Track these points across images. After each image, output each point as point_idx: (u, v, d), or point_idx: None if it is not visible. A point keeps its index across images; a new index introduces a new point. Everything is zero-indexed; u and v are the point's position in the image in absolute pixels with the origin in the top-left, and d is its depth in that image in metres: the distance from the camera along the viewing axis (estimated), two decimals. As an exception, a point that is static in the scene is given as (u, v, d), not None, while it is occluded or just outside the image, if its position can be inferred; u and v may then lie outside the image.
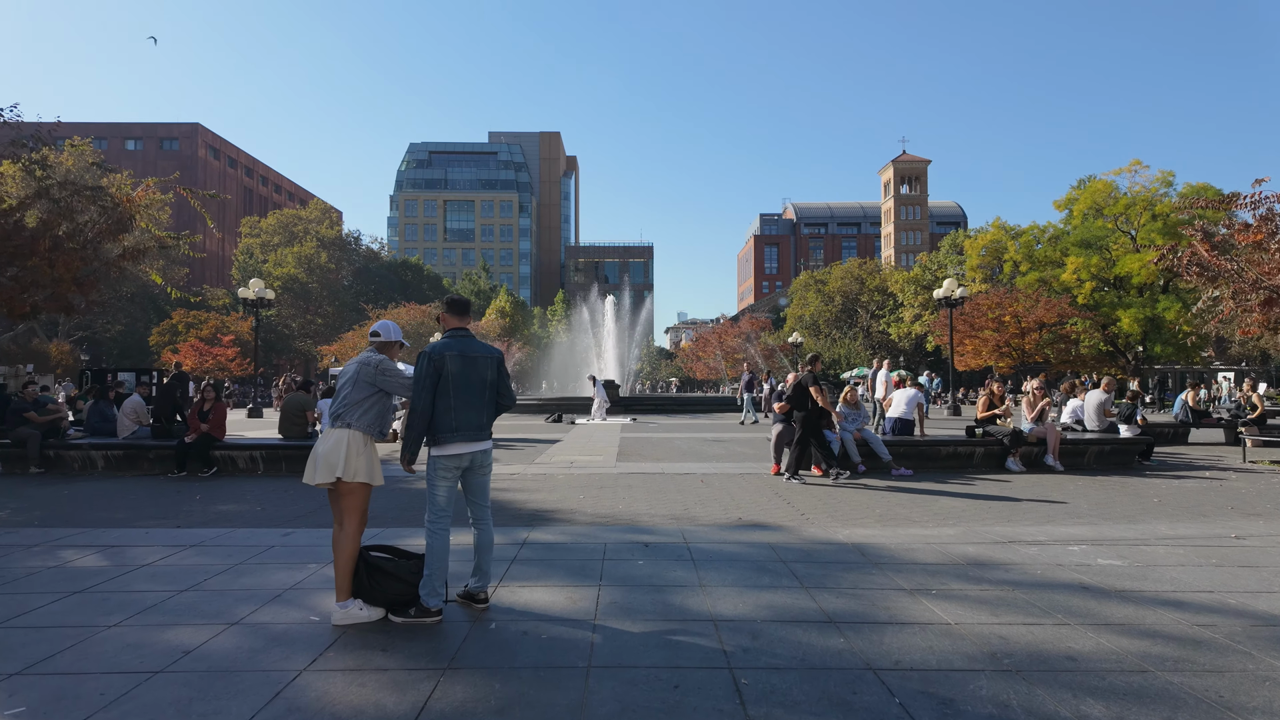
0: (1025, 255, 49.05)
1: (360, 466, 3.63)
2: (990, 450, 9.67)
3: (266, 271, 64.90)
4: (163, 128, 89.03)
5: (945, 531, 5.65)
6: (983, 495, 7.50)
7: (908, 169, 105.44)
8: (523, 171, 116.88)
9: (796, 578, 4.30)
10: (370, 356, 3.80)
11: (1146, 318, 42.24)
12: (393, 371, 3.74)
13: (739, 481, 8.22)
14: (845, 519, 6.15)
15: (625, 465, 9.66)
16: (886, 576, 4.35)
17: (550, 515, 6.23)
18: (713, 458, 10.67)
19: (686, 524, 5.87)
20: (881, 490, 7.75)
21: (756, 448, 12.05)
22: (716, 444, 12.91)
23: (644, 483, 8.09)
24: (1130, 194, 45.01)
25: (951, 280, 25.00)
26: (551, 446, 12.43)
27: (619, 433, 15.67)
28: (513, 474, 8.76)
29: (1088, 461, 10.03)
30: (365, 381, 3.73)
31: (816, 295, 71.99)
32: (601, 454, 11.16)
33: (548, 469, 9.34)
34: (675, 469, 9.30)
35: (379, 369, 3.73)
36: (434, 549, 3.60)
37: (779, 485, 8.00)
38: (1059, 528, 5.85)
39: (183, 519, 6.29)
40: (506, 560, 4.67)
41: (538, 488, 7.74)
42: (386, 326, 3.96)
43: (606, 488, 7.74)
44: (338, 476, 3.58)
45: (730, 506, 6.68)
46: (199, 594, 4.03)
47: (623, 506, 6.63)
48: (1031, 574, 4.46)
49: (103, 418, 10.74)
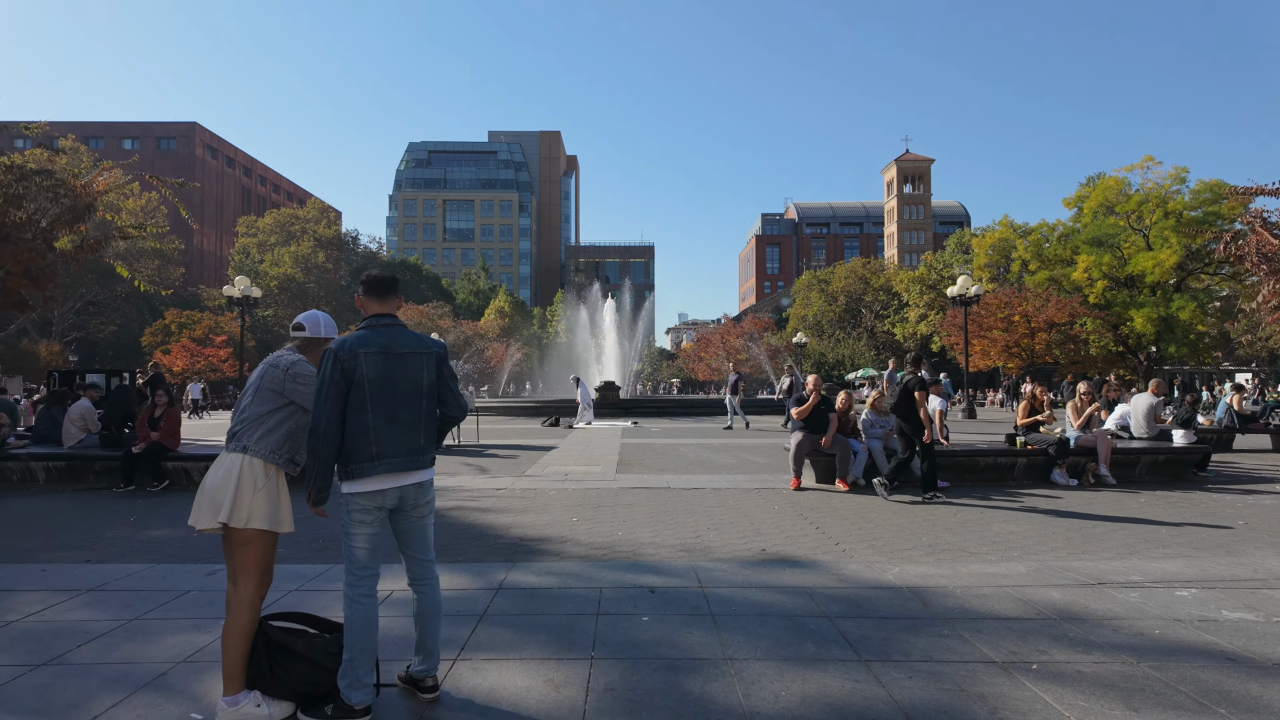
0: (1034, 254, 48.01)
1: (258, 508, 2.63)
2: (1033, 461, 8.66)
3: (263, 271, 64.03)
4: (160, 127, 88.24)
5: (1014, 569, 4.64)
6: (1038, 515, 6.49)
7: (911, 168, 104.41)
8: (523, 171, 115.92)
9: (850, 644, 3.29)
10: (281, 357, 2.81)
11: (1160, 317, 41.17)
12: (309, 379, 2.75)
13: (755, 499, 7.21)
14: (888, 550, 5.15)
15: (626, 478, 8.66)
16: (965, 640, 3.35)
17: (536, 546, 5.23)
18: (723, 468, 9.66)
19: (699, 558, 4.86)
20: (920, 510, 6.75)
21: (770, 456, 11.04)
22: (725, 451, 11.90)
23: (647, 500, 7.09)
24: (1143, 191, 43.96)
25: (966, 278, 23.98)
26: (545, 454, 11.43)
27: (619, 438, 14.66)
28: (499, 489, 7.75)
29: (1139, 473, 9.02)
30: (270, 390, 2.73)
31: (820, 295, 71.00)
32: (600, 463, 10.16)
33: (539, 482, 8.33)
34: (682, 482, 8.29)
35: (290, 373, 2.74)
36: (356, 623, 2.59)
37: (802, 504, 6.99)
38: (1149, 562, 4.84)
39: (100, 549, 5.29)
40: (473, 616, 3.67)
41: (525, 507, 6.73)
42: (314, 318, 2.96)
43: (604, 507, 6.73)
44: (222, 521, 2.59)
45: (749, 533, 5.67)
46: (55, 672, 3.02)
47: (623, 533, 5.62)
48: (1148, 634, 3.46)
49: (53, 424, 9.75)
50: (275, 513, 2.69)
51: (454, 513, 6.45)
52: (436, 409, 2.78)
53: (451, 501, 7.00)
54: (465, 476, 8.86)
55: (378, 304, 2.76)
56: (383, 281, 2.78)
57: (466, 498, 7.25)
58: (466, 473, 9.23)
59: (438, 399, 2.77)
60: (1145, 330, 41.69)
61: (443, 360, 2.79)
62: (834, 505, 6.92)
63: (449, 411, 2.82)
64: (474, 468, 9.77)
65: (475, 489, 7.77)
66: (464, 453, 11.93)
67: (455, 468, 9.77)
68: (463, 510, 6.53)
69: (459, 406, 2.84)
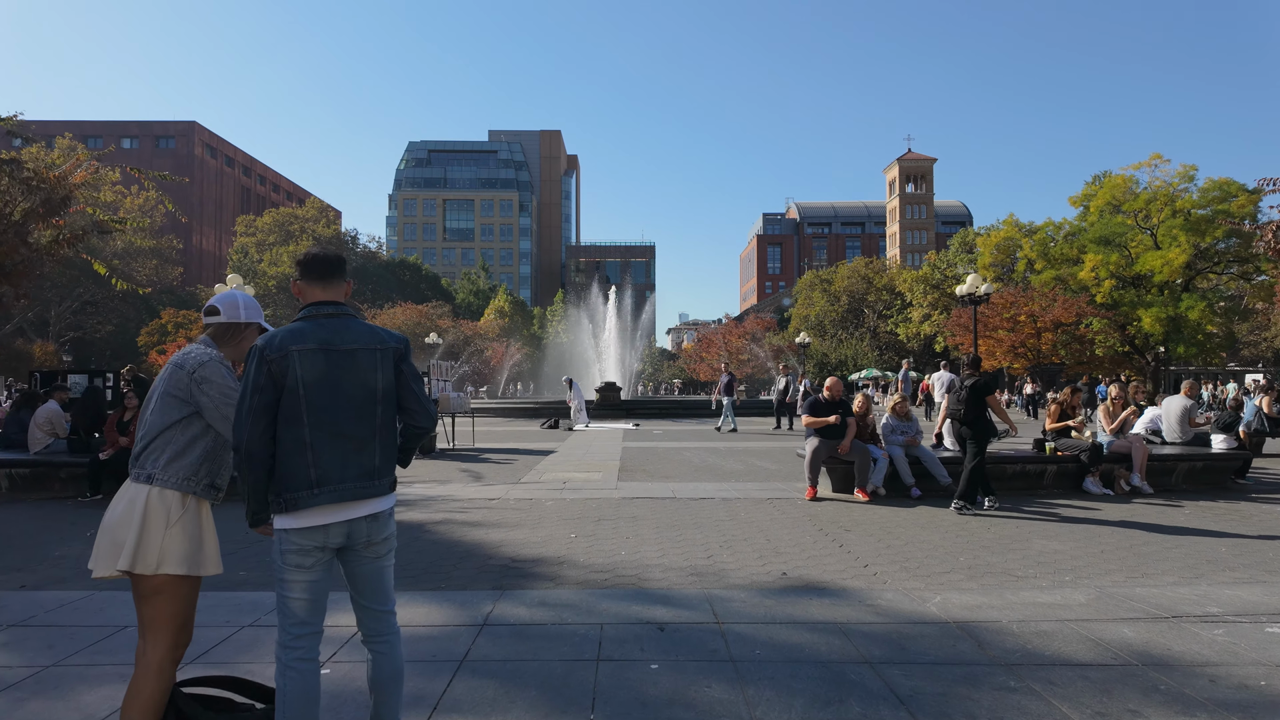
0: (1040, 253, 47.44)
1: (171, 549, 2.08)
2: (1064, 469, 8.09)
3: (261, 271, 63.52)
4: (159, 126, 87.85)
5: (1072, 598, 4.08)
6: (1078, 529, 5.93)
7: (913, 167, 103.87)
8: (523, 170, 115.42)
9: (900, 701, 2.74)
10: (190, 354, 2.24)
11: (1169, 317, 40.57)
12: (223, 387, 2.18)
13: (769, 511, 6.65)
14: (924, 573, 4.59)
15: (629, 486, 8.10)
16: (1038, 696, 2.79)
17: (529, 569, 4.67)
18: (731, 475, 9.10)
19: (713, 583, 4.31)
20: (949, 522, 6.18)
21: (780, 461, 10.48)
22: (731, 456, 11.34)
23: (652, 512, 6.53)
24: (1151, 189, 43.39)
25: (976, 276, 23.37)
26: (544, 459, 10.87)
27: (620, 441, 14.10)
28: (491, 499, 7.19)
29: (1175, 481, 8.45)
30: (175, 397, 2.17)
31: (822, 295, 70.48)
32: (600, 469, 9.61)
33: (535, 491, 7.77)
34: (689, 491, 7.73)
35: (196, 376, 2.16)
36: (291, 696, 2.01)
37: (820, 516, 6.43)
38: (1221, 589, 4.28)
39: (41, 572, 4.74)
40: (451, 662, 3.10)
41: (519, 520, 6.18)
42: (232, 299, 2.37)
43: (606, 520, 6.18)
44: (122, 568, 2.04)
45: (767, 551, 5.11)
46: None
47: (626, 552, 5.06)
48: (1252, 685, 2.90)
49: (20, 428, 9.20)
50: (195, 553, 2.14)
51: (441, 527, 5.89)
52: (396, 419, 2.22)
53: (439, 514, 6.45)
54: (457, 484, 8.31)
55: (319, 289, 2.17)
56: (324, 261, 2.19)
57: (456, 509, 6.69)
58: (458, 479, 8.67)
59: (397, 406, 2.20)
60: (1153, 330, 41.13)
61: (403, 358, 2.21)
62: (855, 518, 6.36)
63: (413, 421, 2.24)
64: (467, 474, 9.21)
65: (466, 499, 7.22)
66: (458, 457, 11.38)
67: (447, 474, 9.22)
68: (450, 525, 5.98)
69: (426, 414, 2.25)
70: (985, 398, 6.83)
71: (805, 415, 7.48)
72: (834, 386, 7.59)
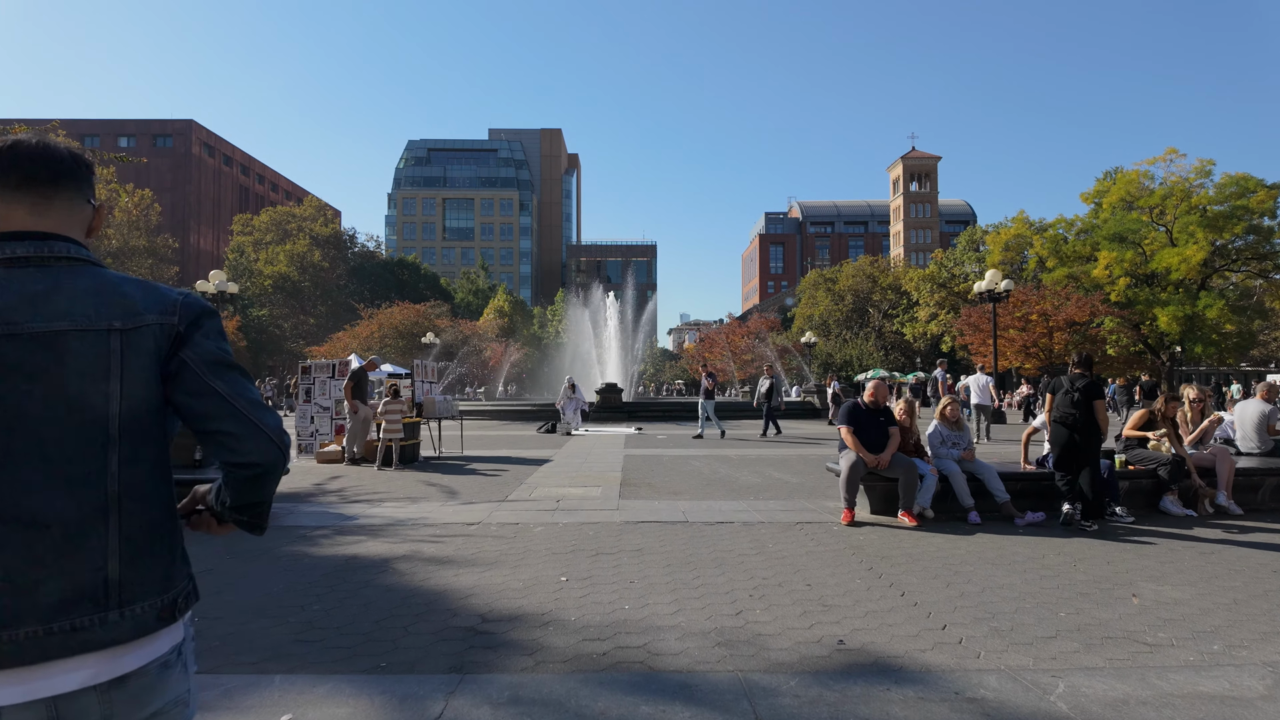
0: (1052, 250, 46.32)
1: None
2: (1137, 485, 6.98)
3: (258, 270, 62.54)
4: (156, 124, 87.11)
5: (1243, 683, 2.97)
6: (1186, 561, 4.81)
7: (917, 165, 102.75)
8: (523, 169, 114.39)
9: None
10: None
11: (1186, 316, 39.38)
12: None
13: (801, 540, 5.54)
14: (1023, 637, 3.48)
15: (632, 505, 6.99)
16: None
17: (504, 632, 3.56)
18: (747, 490, 7.98)
19: (750, 661, 3.19)
20: (1023, 555, 5.07)
21: (800, 473, 9.37)
22: (744, 466, 10.23)
23: (661, 542, 5.42)
24: (1167, 184, 42.22)
25: (995, 272, 22.31)
26: (536, 470, 9.77)
27: (622, 449, 13.00)
28: (470, 525, 6.08)
29: (1262, 499, 7.33)
30: None
31: (826, 294, 69.41)
32: (599, 483, 8.50)
33: (523, 512, 6.67)
34: (702, 512, 6.62)
35: None
36: None
37: (865, 548, 5.32)
38: None
39: None
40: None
41: (499, 556, 5.07)
42: None
43: (605, 554, 5.07)
44: None
45: (810, 603, 4.00)
46: None
47: (631, 605, 3.95)
48: None
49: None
50: None
51: (401, 565, 4.79)
52: (160, 470, 1.13)
53: (402, 545, 5.34)
54: (433, 503, 7.20)
55: (12, 205, 1.10)
56: (26, 155, 1.11)
57: (425, 538, 5.59)
58: (435, 497, 7.57)
59: (197, 432, 1.13)
60: (1170, 329, 39.97)
61: (187, 339, 1.13)
62: (907, 550, 5.24)
63: (234, 455, 1.13)
64: (446, 490, 8.11)
65: (440, 523, 6.11)
66: (441, 467, 10.29)
67: (423, 489, 8.11)
68: (413, 562, 4.87)
69: (257, 439, 1.13)
70: (1094, 402, 5.93)
71: (843, 425, 6.37)
72: (878, 390, 6.48)
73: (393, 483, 8.61)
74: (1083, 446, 5.96)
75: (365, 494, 7.77)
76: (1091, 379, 6.16)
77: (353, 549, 5.20)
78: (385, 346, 46.89)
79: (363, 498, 7.52)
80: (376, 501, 7.22)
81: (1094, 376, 6.27)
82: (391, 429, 9.78)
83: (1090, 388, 6.07)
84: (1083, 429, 5.96)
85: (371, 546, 5.28)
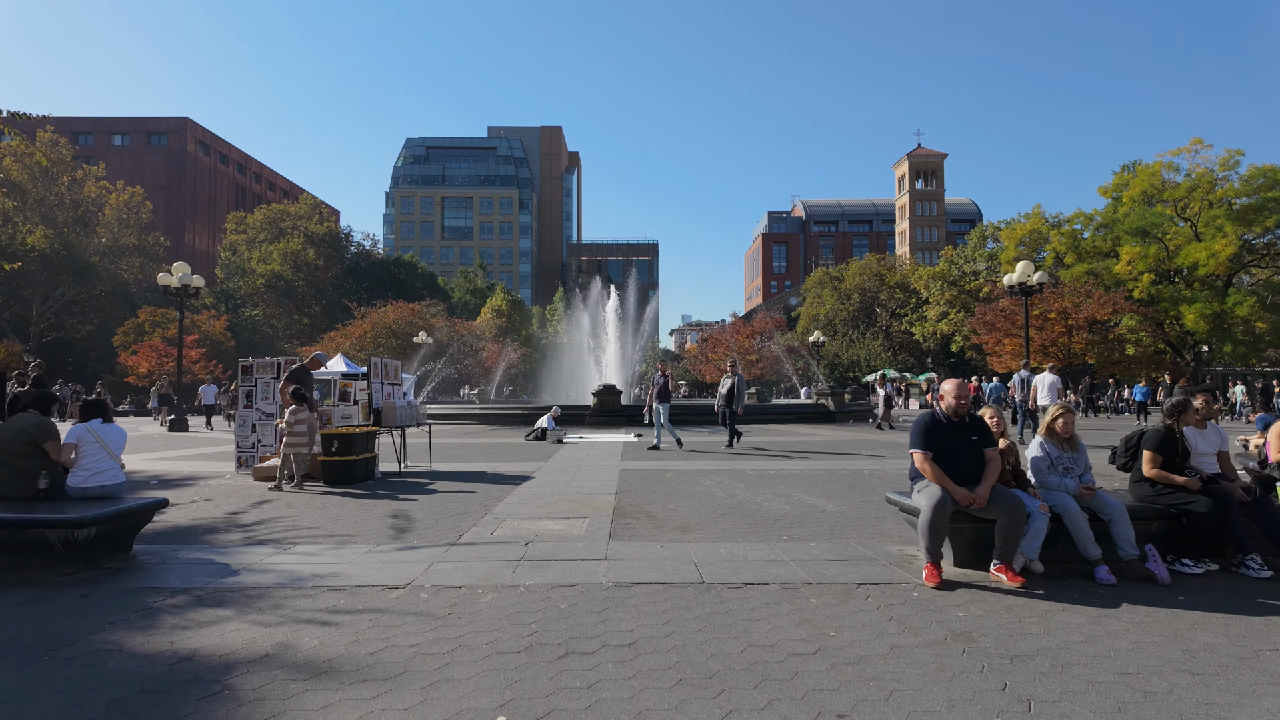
0: (1070, 246, 44.45)
1: None
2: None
3: (250, 269, 60.90)
4: (151, 122, 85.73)
5: None
6: None
7: (923, 163, 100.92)
8: (523, 167, 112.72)
9: None
10: None
11: (1213, 313, 37.45)
12: None
13: (872, 616, 3.75)
14: None
15: (625, 550, 5.21)
16: None
17: None
18: (778, 523, 6.20)
19: None
20: (1226, 653, 3.28)
21: (833, 494, 7.57)
22: (764, 485, 8.45)
23: (665, 626, 3.63)
24: (1193, 177, 40.32)
25: (1026, 264, 20.51)
26: (512, 492, 7.98)
27: (617, 460, 11.23)
28: (395, 589, 4.29)
29: None
30: None
31: (832, 293, 67.63)
32: (585, 511, 6.73)
33: (475, 564, 4.90)
34: (721, 563, 4.84)
35: None
36: None
37: (973, 631, 3.53)
38: None
39: None
40: None
41: (409, 660, 3.27)
42: None
43: (576, 654, 3.26)
44: None
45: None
46: None
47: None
48: None
49: None
50: None
51: (254, 677, 3.02)
52: None
53: (281, 628, 3.57)
54: (361, 546, 5.42)
55: None
56: None
57: (321, 613, 3.82)
58: (369, 535, 5.79)
59: None
60: (1197, 327, 38.09)
61: None
62: (1039, 641, 3.44)
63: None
64: (388, 522, 6.33)
65: (352, 586, 4.33)
66: (399, 486, 8.52)
67: (361, 523, 6.33)
68: (273, 672, 3.09)
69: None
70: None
71: (918, 450, 4.57)
72: (961, 395, 4.68)
73: (326, 512, 6.84)
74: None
75: (283, 530, 6.01)
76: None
77: (200, 638, 3.44)
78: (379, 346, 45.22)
79: (275, 536, 5.76)
80: (288, 544, 5.45)
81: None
82: (296, 443, 8.16)
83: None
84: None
85: (231, 632, 3.51)
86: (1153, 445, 5.12)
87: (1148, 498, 5.03)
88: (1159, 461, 5.08)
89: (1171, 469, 5.01)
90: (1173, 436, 5.08)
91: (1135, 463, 5.26)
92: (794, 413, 24.40)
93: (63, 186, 49.10)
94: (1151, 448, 5.11)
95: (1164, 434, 5.08)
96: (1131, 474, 5.28)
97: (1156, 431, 5.14)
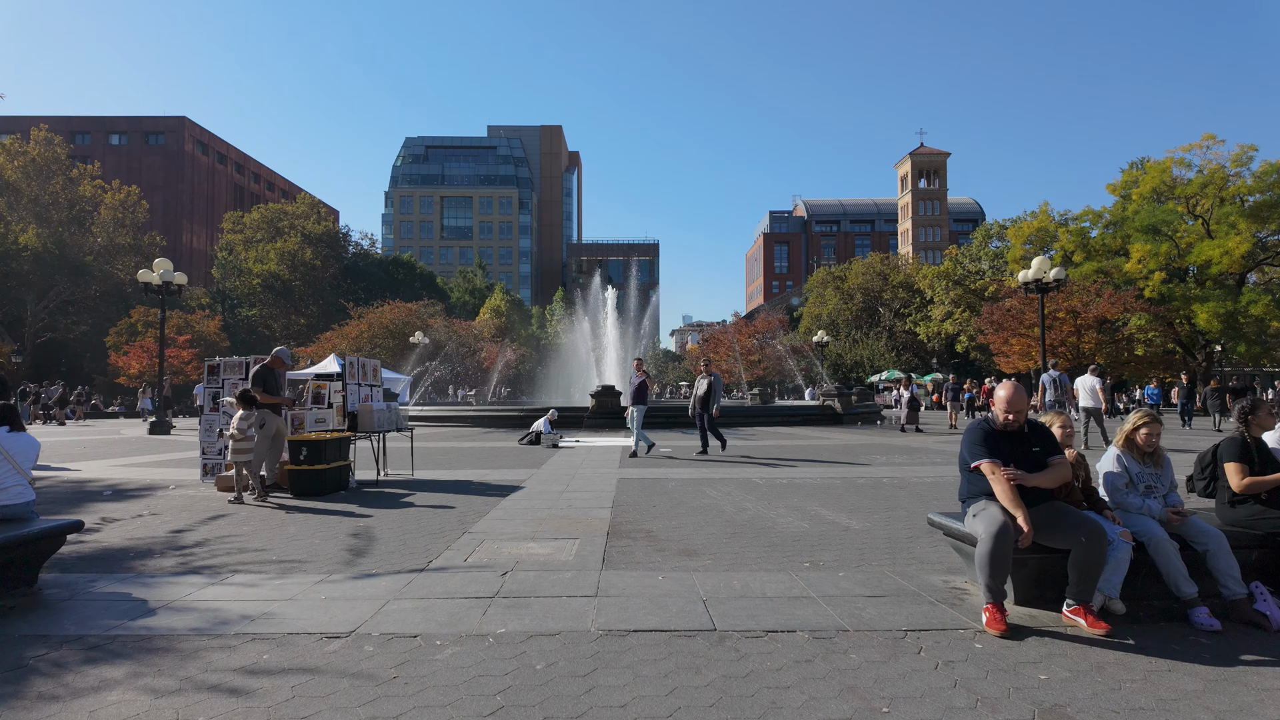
0: (1078, 244, 43.57)
1: None
2: None
3: (246, 269, 60.18)
4: (148, 121, 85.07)
5: None
6: None
7: (926, 162, 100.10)
8: (523, 167, 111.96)
9: None
10: None
11: (1227, 312, 36.58)
12: None
13: (930, 680, 2.97)
14: None
15: (620, 583, 4.42)
16: None
17: None
18: (795, 543, 5.41)
19: None
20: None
21: (848, 506, 6.77)
22: (775, 495, 7.65)
23: (664, 694, 2.84)
24: (1205, 173, 39.46)
25: (1044, 259, 19.70)
26: (496, 505, 7.19)
27: (615, 467, 10.43)
28: (336, 637, 3.50)
29: None
30: None
31: (835, 293, 66.77)
32: (577, 530, 5.94)
33: (440, 601, 4.12)
34: (735, 600, 4.05)
35: None
36: None
37: (1061, 704, 2.75)
38: None
39: None
40: None
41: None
42: None
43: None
44: None
45: None
46: None
47: None
48: None
49: None
50: None
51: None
52: None
53: (176, 699, 2.79)
54: (310, 575, 4.63)
55: None
56: None
57: (232, 674, 3.03)
58: (322, 561, 5.00)
59: None
60: (1210, 327, 37.20)
61: None
62: (1154, 717, 2.67)
63: None
64: (348, 544, 5.54)
65: (284, 633, 3.54)
66: (374, 497, 7.73)
67: (318, 544, 5.54)
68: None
69: None
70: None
71: (987, 462, 3.77)
72: (1017, 401, 3.88)
73: (283, 530, 6.05)
74: None
75: (226, 553, 5.22)
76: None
77: (64, 715, 2.65)
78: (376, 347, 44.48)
79: (215, 561, 4.97)
80: (226, 572, 4.67)
81: None
82: (241, 450, 7.39)
83: None
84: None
85: (108, 706, 2.72)
86: (1234, 455, 4.34)
87: (1243, 522, 4.23)
88: (1246, 471, 4.29)
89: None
90: (1249, 443, 4.31)
91: (1216, 483, 4.48)
92: (799, 414, 23.58)
93: (57, 185, 48.39)
94: (1233, 458, 4.33)
95: (1240, 441, 4.32)
96: (1216, 497, 4.48)
97: (1232, 440, 4.38)
